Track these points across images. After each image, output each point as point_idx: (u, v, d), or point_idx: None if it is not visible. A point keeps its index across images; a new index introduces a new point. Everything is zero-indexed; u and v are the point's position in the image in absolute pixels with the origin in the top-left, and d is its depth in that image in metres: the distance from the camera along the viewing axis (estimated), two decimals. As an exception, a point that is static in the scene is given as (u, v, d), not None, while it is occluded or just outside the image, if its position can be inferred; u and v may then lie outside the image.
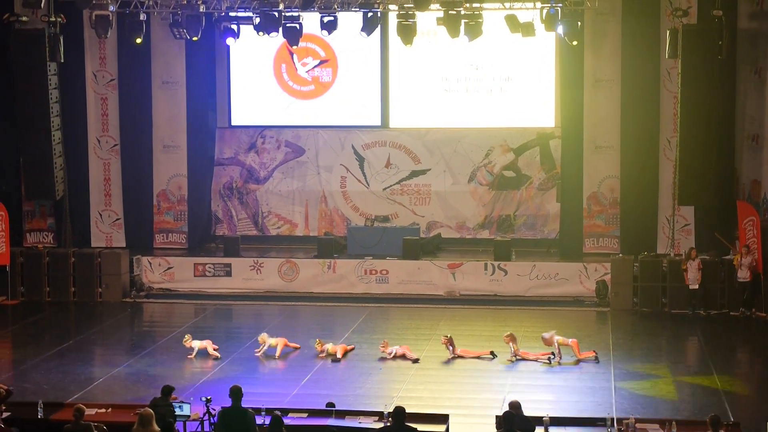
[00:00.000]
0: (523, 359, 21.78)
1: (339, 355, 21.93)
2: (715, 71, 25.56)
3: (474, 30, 25.91)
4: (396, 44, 28.81)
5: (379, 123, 30.86)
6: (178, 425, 16.06)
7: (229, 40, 28.59)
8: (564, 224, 29.51)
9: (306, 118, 31.03)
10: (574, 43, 26.68)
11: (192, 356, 22.14)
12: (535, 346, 22.79)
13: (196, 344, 22.35)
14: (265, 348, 22.30)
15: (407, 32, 26.49)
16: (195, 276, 28.68)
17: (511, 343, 21.95)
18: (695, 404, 19.33)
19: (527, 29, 26.36)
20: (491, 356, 21.95)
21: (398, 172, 30.72)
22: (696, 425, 15.95)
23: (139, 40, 27.57)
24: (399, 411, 14.55)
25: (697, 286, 25.76)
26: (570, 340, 21.98)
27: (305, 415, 16.59)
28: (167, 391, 16.22)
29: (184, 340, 22.49)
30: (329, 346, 22.19)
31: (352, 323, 25.13)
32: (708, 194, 26.05)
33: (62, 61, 27.31)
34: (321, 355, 22.02)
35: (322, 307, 26.98)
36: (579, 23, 26.42)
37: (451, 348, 21.96)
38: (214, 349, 22.29)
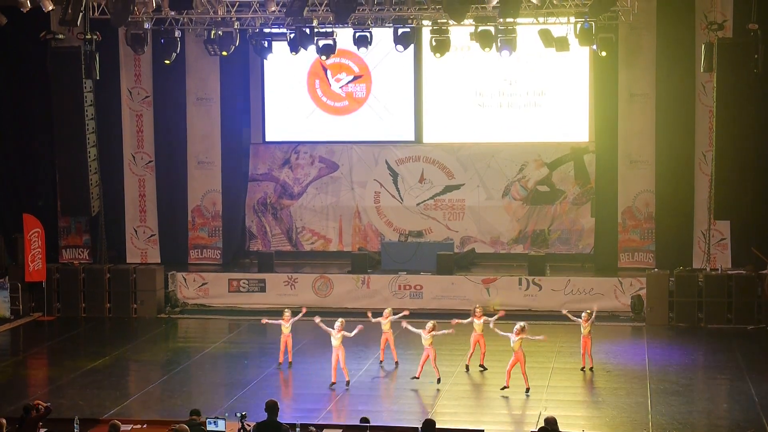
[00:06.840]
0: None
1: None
2: (750, 85, 25.43)
3: (508, 44, 25.91)
4: (429, 59, 28.87)
5: (412, 138, 30.83)
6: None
7: (269, 57, 28.66)
8: (599, 239, 29.39)
9: (340, 134, 31.06)
10: (603, 53, 26.53)
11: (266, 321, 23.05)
12: (570, 360, 22.72)
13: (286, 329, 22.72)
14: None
15: (441, 47, 26.56)
16: (229, 291, 28.76)
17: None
18: (733, 419, 19.15)
19: (561, 44, 26.36)
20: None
21: (432, 187, 30.66)
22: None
23: (167, 62, 27.83)
24: (429, 423, 14.52)
25: None
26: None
27: (340, 431, 16.57)
28: (194, 414, 16.08)
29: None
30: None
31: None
32: (744, 208, 25.89)
33: (98, 78, 27.56)
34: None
35: (356, 323, 26.87)
36: (613, 37, 26.40)
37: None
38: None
